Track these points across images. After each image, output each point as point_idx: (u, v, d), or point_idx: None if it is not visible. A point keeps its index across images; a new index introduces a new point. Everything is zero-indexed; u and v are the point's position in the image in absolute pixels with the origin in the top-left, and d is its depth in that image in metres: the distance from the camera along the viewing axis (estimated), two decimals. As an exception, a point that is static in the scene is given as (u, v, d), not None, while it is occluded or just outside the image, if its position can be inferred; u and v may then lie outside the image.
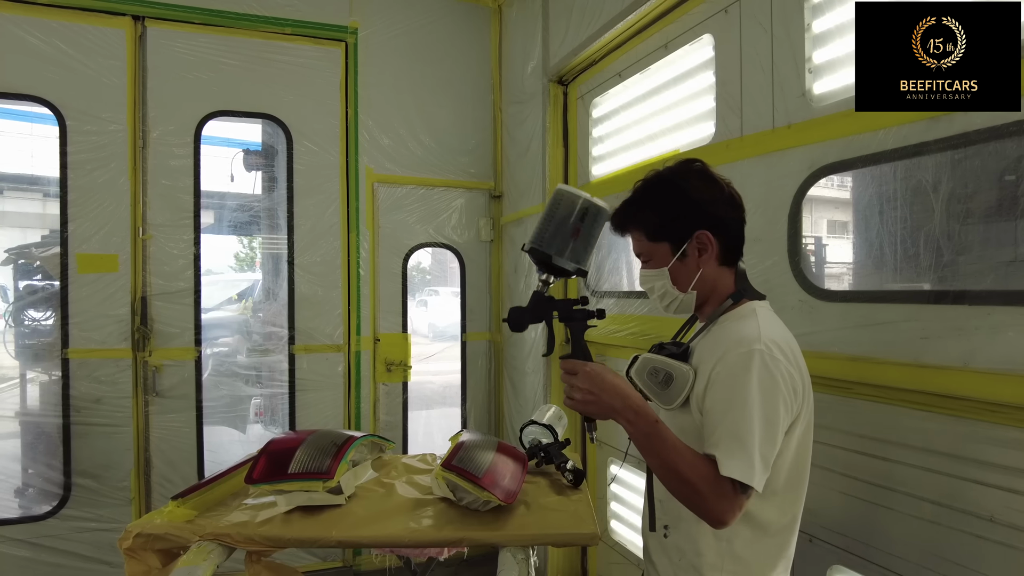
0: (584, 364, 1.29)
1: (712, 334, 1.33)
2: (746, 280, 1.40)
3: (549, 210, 1.38)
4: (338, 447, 1.73)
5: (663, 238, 1.35)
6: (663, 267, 1.36)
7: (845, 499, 1.74)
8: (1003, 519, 1.36)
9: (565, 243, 1.35)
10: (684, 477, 1.17)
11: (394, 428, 3.92)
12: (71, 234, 3.27)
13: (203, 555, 1.49)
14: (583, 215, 1.35)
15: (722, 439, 1.17)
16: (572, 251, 1.36)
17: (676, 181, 1.35)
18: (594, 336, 3.05)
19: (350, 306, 3.80)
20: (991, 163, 1.39)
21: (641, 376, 1.35)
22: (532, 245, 1.38)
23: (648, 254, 1.38)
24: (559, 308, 1.39)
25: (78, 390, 3.28)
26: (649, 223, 1.36)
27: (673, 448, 1.19)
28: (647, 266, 1.39)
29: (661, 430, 1.20)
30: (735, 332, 1.26)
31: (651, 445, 1.20)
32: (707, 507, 1.17)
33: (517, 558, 1.49)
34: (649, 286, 1.41)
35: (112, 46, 3.34)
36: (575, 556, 3.42)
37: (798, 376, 1.24)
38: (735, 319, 1.32)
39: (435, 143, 3.99)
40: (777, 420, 1.18)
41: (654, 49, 2.59)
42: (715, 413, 1.20)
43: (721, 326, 1.33)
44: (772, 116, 1.97)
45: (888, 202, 1.63)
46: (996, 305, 1.35)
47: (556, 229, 1.36)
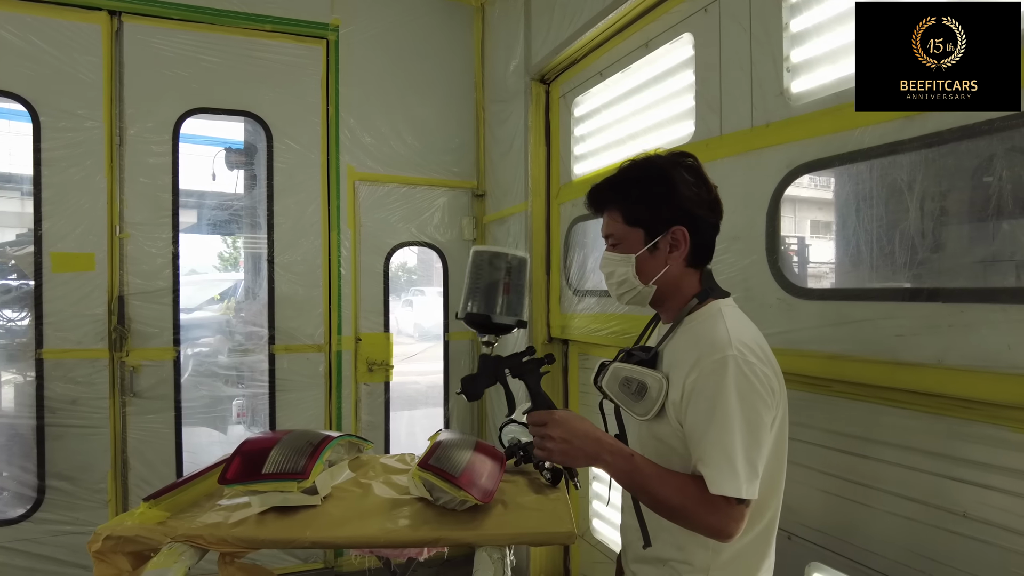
0: (550, 413, 1.26)
1: (679, 337, 1.31)
2: (712, 280, 1.38)
3: (474, 273, 1.39)
4: (314, 447, 1.71)
5: (639, 224, 1.32)
6: (631, 254, 1.32)
7: (824, 496, 1.74)
8: (976, 515, 1.37)
9: (499, 300, 1.37)
10: (674, 505, 1.16)
11: (376, 428, 3.90)
12: (45, 232, 3.22)
13: (174, 557, 1.47)
14: (509, 270, 1.37)
15: (706, 454, 1.15)
16: (507, 306, 1.38)
17: (668, 171, 1.32)
18: (576, 335, 3.05)
19: (331, 305, 3.77)
20: (963, 161, 1.40)
21: (612, 387, 1.32)
22: (470, 311, 1.38)
23: (619, 237, 1.34)
24: (509, 365, 1.41)
25: (53, 391, 3.23)
26: (629, 205, 1.33)
27: (657, 479, 1.18)
28: (614, 249, 1.35)
29: (639, 464, 1.19)
30: (704, 336, 1.24)
31: (634, 482, 1.20)
32: (706, 526, 1.16)
33: (493, 558, 1.48)
34: (610, 270, 1.36)
35: (88, 41, 3.29)
36: (557, 555, 3.42)
37: (773, 375, 1.22)
38: (701, 320, 1.30)
39: (417, 141, 3.97)
40: (759, 423, 1.17)
41: (635, 48, 2.59)
42: (697, 428, 1.18)
43: (687, 328, 1.31)
44: (751, 115, 1.97)
45: (865, 200, 1.63)
46: (969, 303, 1.36)
47: (487, 289, 1.38)
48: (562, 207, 3.25)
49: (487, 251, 1.40)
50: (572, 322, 3.10)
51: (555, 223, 3.32)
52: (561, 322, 3.22)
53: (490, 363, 1.40)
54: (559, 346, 3.36)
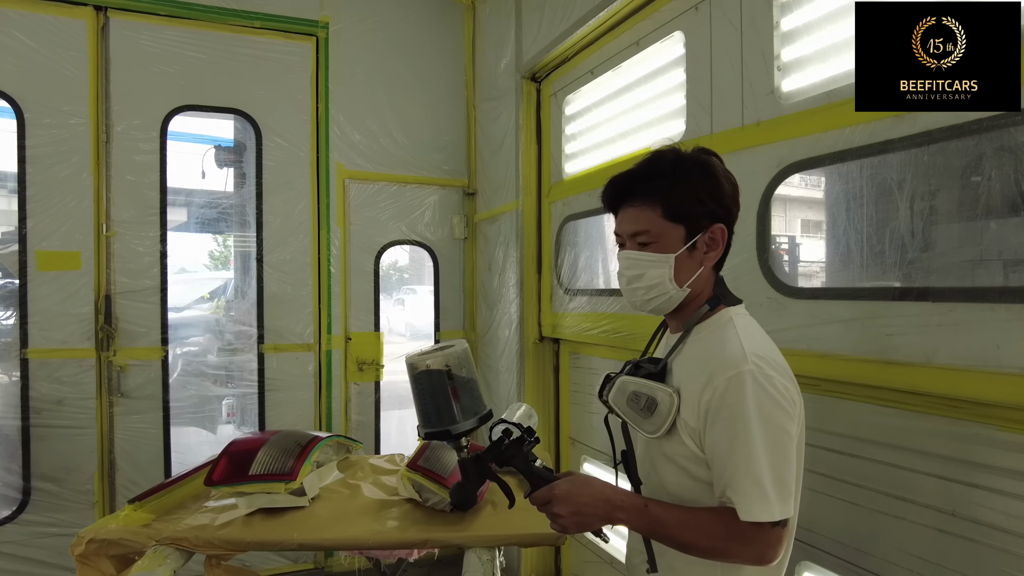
0: (551, 489, 1.18)
1: (689, 349, 1.23)
2: (724, 285, 1.28)
3: (417, 389, 1.32)
4: (302, 448, 1.70)
5: (682, 220, 1.18)
6: (670, 253, 1.19)
7: (814, 496, 1.74)
8: (964, 513, 1.38)
9: (453, 410, 1.30)
10: (704, 547, 1.11)
11: (366, 428, 3.88)
12: (30, 230, 3.18)
13: (159, 560, 1.45)
14: (450, 374, 1.30)
15: (733, 480, 1.08)
16: (463, 410, 1.30)
17: (713, 163, 1.21)
18: (567, 334, 3.05)
19: (321, 304, 3.74)
20: (952, 161, 1.40)
21: (620, 402, 1.22)
22: (427, 430, 1.31)
23: (655, 235, 1.19)
24: (491, 458, 1.28)
25: (38, 391, 3.19)
26: (674, 198, 1.18)
27: (679, 526, 1.12)
28: (649, 248, 1.20)
29: (657, 514, 1.13)
30: (715, 350, 1.16)
31: (655, 533, 1.15)
32: (744, 558, 1.11)
33: (483, 559, 1.47)
34: (638, 272, 1.22)
35: (73, 37, 3.25)
36: (549, 555, 3.41)
37: (792, 387, 1.15)
38: (711, 330, 1.21)
39: (407, 139, 3.95)
40: (784, 439, 1.10)
41: (626, 46, 2.58)
42: (720, 453, 1.11)
43: (697, 339, 1.22)
44: (741, 113, 1.97)
45: (855, 200, 1.64)
46: (957, 302, 1.36)
47: (435, 402, 1.30)
48: (553, 205, 3.24)
49: (418, 360, 1.29)
50: (563, 321, 3.09)
51: (546, 221, 3.31)
52: (552, 321, 3.22)
53: (470, 465, 1.29)
54: (550, 345, 3.35)
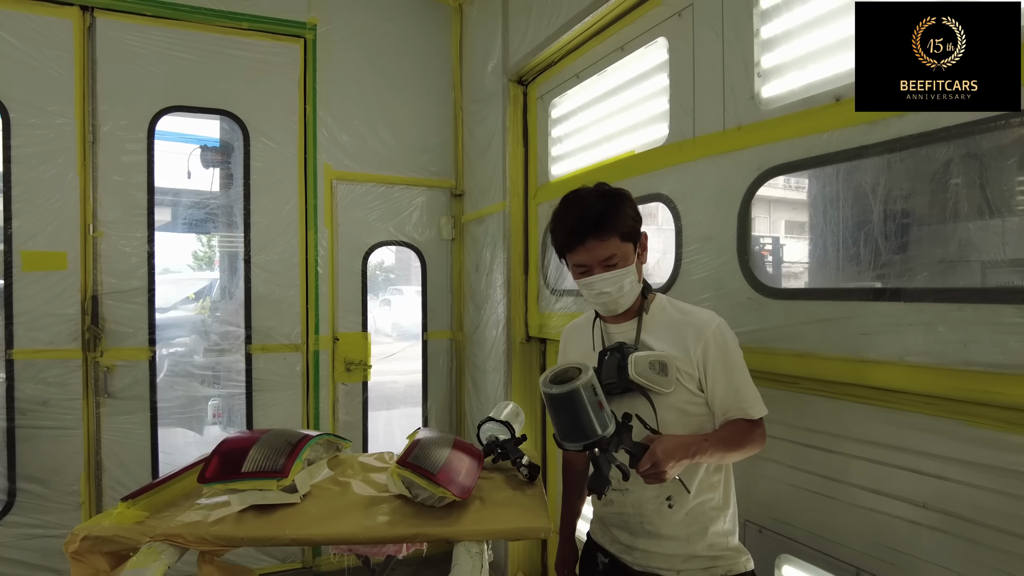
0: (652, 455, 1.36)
1: (654, 323, 1.57)
2: None
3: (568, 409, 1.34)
4: (293, 446, 1.72)
5: (630, 238, 1.53)
6: (631, 264, 1.53)
7: (792, 490, 1.79)
8: (935, 505, 1.43)
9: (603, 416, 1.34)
10: (747, 444, 1.47)
11: (354, 428, 3.89)
12: (15, 231, 3.16)
13: (153, 556, 1.47)
14: (594, 389, 1.34)
15: (739, 396, 1.48)
16: (609, 416, 1.36)
17: (625, 193, 1.57)
18: (553, 334, 3.08)
19: (308, 305, 3.75)
20: (923, 166, 1.45)
21: (644, 372, 1.45)
22: (585, 443, 1.34)
23: (621, 256, 1.51)
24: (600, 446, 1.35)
25: (24, 392, 3.18)
26: (626, 225, 1.52)
27: (730, 439, 1.46)
28: (617, 267, 1.51)
29: (715, 439, 1.44)
30: (685, 318, 1.55)
31: (719, 453, 1.44)
32: (760, 445, 1.50)
33: (471, 552, 1.51)
34: (618, 285, 1.52)
35: (59, 37, 3.24)
36: (535, 549, 3.45)
37: None
38: (660, 308, 1.59)
39: (395, 140, 3.97)
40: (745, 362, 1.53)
41: (611, 51, 2.62)
42: (722, 382, 1.48)
43: (657, 315, 1.58)
44: (723, 118, 2.02)
45: (831, 203, 1.69)
46: (928, 302, 1.41)
47: (590, 416, 1.33)
48: (539, 207, 3.28)
49: (573, 388, 1.32)
50: (549, 321, 3.13)
51: (533, 223, 3.35)
52: (538, 321, 3.25)
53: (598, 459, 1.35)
54: (536, 345, 3.39)
